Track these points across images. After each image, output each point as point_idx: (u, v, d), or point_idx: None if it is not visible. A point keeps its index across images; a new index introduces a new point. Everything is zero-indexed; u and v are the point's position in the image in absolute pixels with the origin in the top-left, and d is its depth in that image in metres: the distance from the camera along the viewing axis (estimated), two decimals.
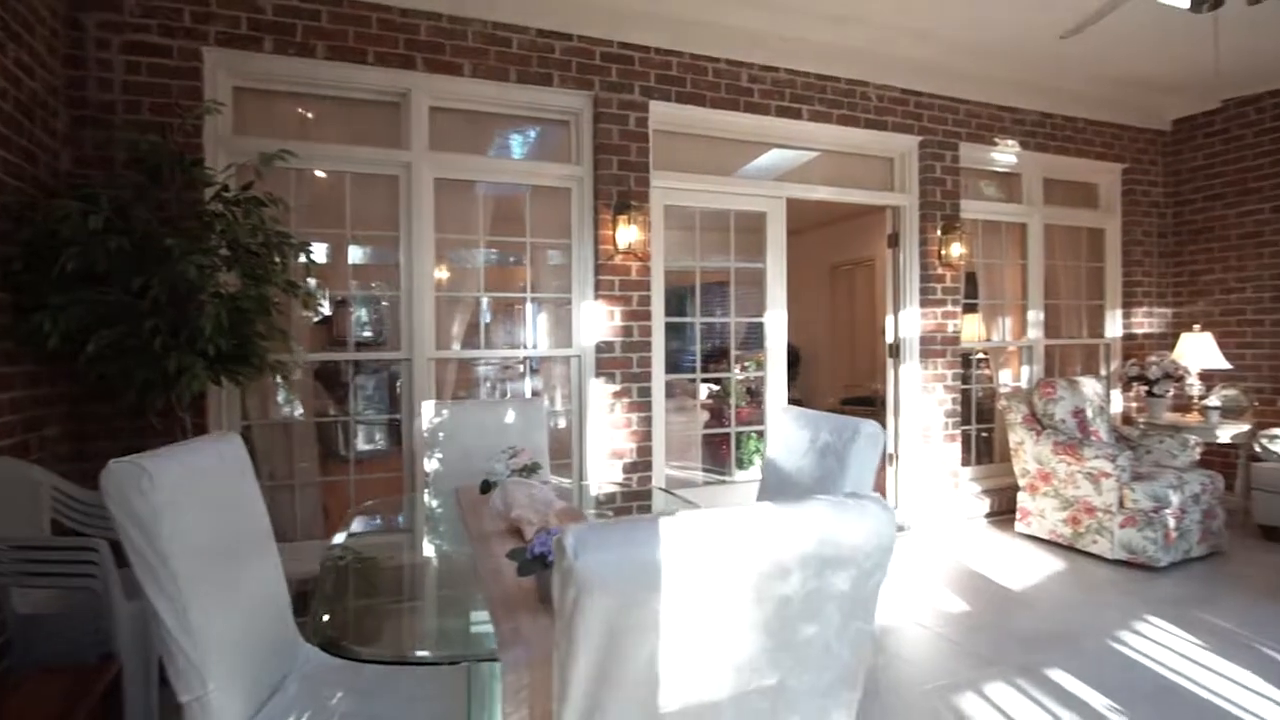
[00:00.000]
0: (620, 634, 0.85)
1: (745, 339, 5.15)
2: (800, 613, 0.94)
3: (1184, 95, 5.57)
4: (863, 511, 0.94)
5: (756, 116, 4.33)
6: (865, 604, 0.99)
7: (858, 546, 0.94)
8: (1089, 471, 4.11)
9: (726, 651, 0.91)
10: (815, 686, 1.00)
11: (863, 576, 0.96)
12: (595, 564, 0.82)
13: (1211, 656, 2.93)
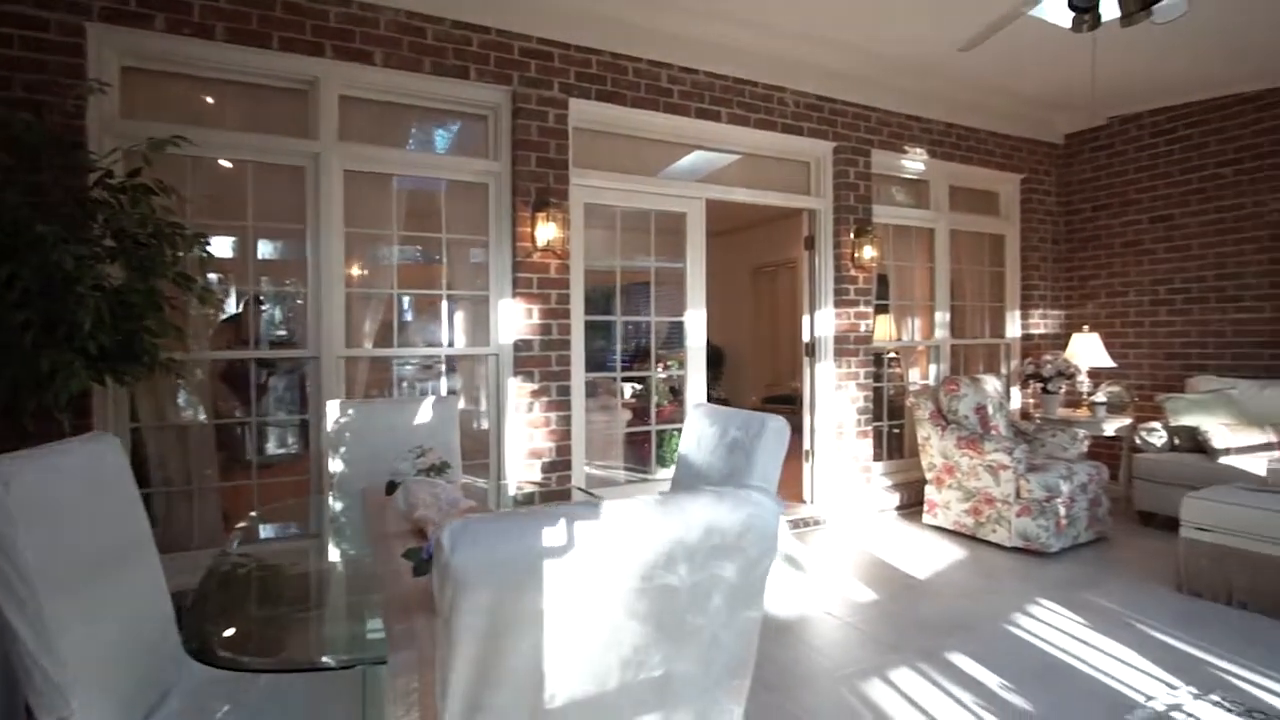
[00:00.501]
0: (501, 630, 0.84)
1: (668, 338, 5.20)
2: (687, 603, 0.95)
3: (1074, 112, 5.95)
4: (747, 502, 0.95)
5: (677, 118, 4.37)
6: (752, 593, 1.01)
7: (743, 536, 0.95)
8: (989, 464, 4.33)
9: (612, 644, 0.91)
10: (704, 676, 1.01)
11: (749, 565, 0.98)
12: (472, 560, 0.80)
13: (1095, 635, 3.13)
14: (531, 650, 0.86)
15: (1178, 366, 5.50)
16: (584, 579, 0.86)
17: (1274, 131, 5.01)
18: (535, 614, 0.84)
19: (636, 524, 0.88)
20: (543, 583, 0.83)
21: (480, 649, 0.84)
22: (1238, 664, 2.83)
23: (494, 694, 0.86)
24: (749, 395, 10.09)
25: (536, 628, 0.85)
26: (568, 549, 0.84)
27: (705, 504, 0.93)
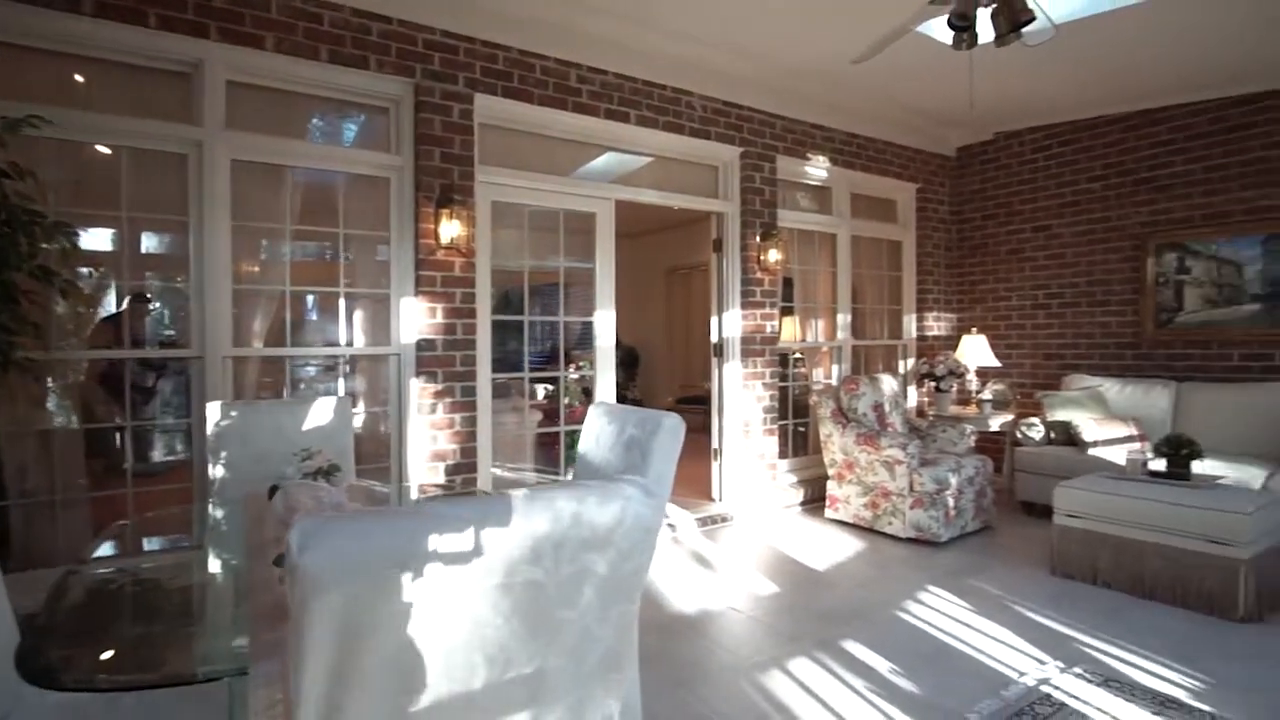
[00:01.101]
0: (356, 632, 0.81)
1: (580, 339, 5.19)
2: (556, 598, 0.94)
3: (964, 127, 6.31)
4: (618, 495, 0.96)
5: (586, 118, 4.37)
6: (627, 586, 1.01)
7: (614, 529, 0.95)
8: (885, 459, 4.52)
9: (477, 642, 0.89)
10: (578, 671, 1.00)
11: (621, 559, 0.98)
12: (323, 560, 0.77)
13: (977, 618, 3.32)
14: (390, 652, 0.83)
15: (1055, 366, 5.92)
16: (444, 577, 0.84)
17: (1135, 151, 5.46)
18: (392, 614, 0.82)
19: (499, 519, 0.87)
20: (399, 582, 0.81)
21: (334, 652, 0.81)
22: (1100, 638, 3.06)
23: (351, 698, 0.83)
24: (664, 396, 10.19)
25: (394, 628, 0.82)
26: (425, 546, 0.82)
27: (573, 498, 0.93)
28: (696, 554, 4.32)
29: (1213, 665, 2.82)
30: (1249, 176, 4.92)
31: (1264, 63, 4.58)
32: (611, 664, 1.05)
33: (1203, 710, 2.47)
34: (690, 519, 4.81)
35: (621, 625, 1.03)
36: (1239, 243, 4.97)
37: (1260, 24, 4.00)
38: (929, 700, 2.56)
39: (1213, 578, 3.30)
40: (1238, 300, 4.99)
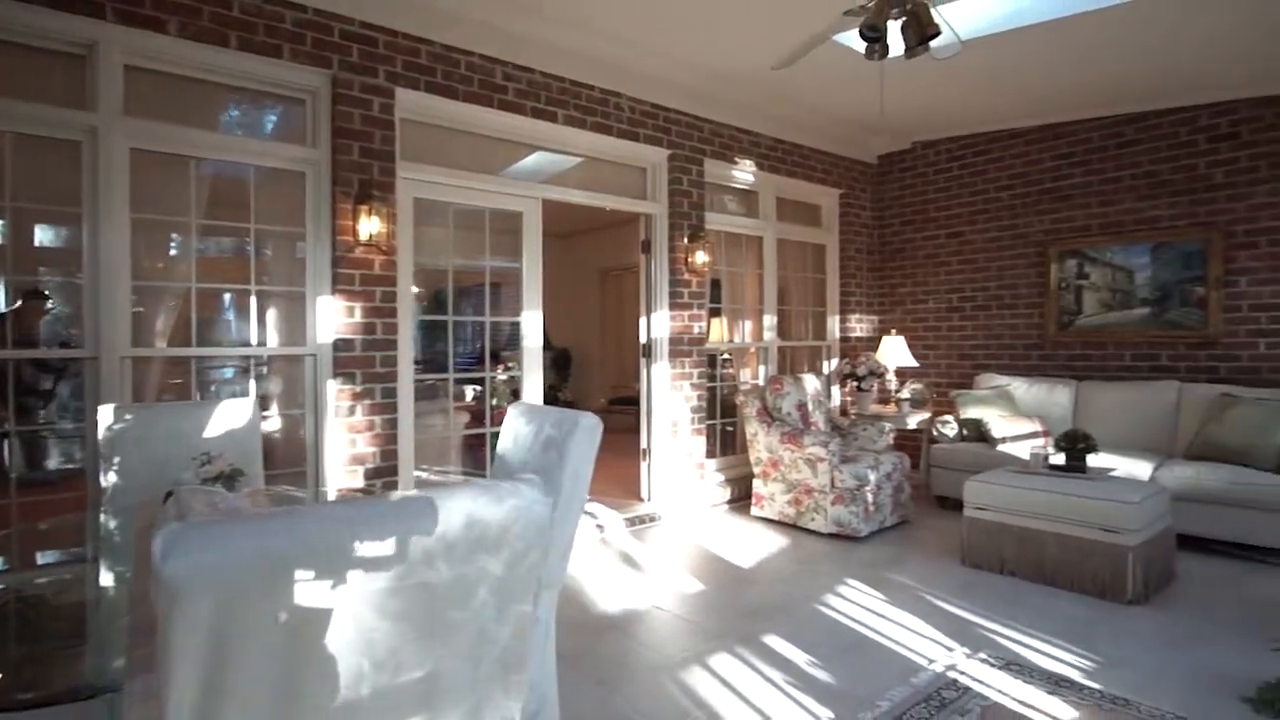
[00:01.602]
0: (229, 641, 0.77)
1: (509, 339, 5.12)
2: (449, 599, 0.92)
3: (885, 135, 6.54)
4: (513, 494, 0.95)
5: (512, 115, 4.32)
6: (522, 586, 1.00)
7: (508, 529, 0.95)
8: (808, 457, 4.64)
9: (363, 647, 0.87)
10: (474, 674, 0.99)
11: (516, 559, 0.97)
12: (189, 567, 0.73)
13: (892, 609, 3.44)
14: (266, 661, 0.80)
15: (968, 366, 6.20)
16: (324, 580, 0.81)
17: (1040, 163, 5.77)
18: (266, 622, 0.79)
19: (385, 520, 0.84)
20: (275, 587, 0.78)
21: (205, 663, 0.77)
22: (1003, 624, 3.22)
23: (226, 711, 0.80)
24: (596, 396, 10.18)
25: (269, 636, 0.79)
26: (303, 549, 0.79)
27: (466, 497, 0.91)
28: (624, 554, 4.33)
29: (1103, 645, 3.00)
30: (1140, 189, 5.27)
31: (1151, 84, 4.91)
32: (510, 665, 1.04)
33: (1092, 688, 2.62)
34: (619, 519, 4.82)
35: (519, 626, 1.02)
36: (1131, 250, 5.32)
37: (1148, 49, 4.29)
38: (844, 690, 2.64)
39: (1105, 564, 3.51)
40: (1130, 304, 5.34)
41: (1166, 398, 4.88)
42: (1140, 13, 3.75)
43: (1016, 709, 2.48)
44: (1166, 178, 5.15)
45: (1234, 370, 4.87)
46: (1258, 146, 4.79)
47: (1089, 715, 2.43)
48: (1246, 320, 4.84)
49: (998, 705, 2.50)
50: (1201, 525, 4.15)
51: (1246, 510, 4.02)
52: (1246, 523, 4.03)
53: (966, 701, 2.52)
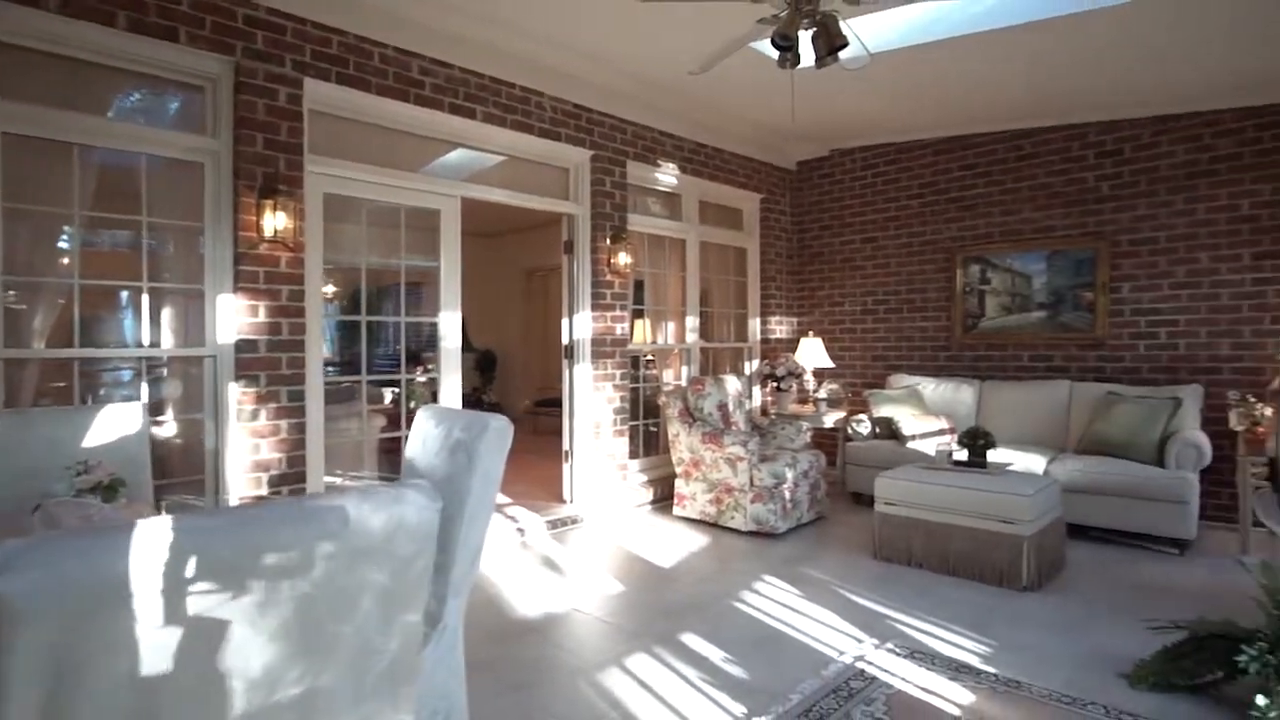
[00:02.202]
0: (75, 664, 0.72)
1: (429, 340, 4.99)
2: (330, 611, 0.89)
3: (804, 142, 6.72)
4: (397, 501, 0.92)
5: (430, 111, 4.22)
6: (410, 595, 0.97)
7: (393, 536, 0.91)
8: (728, 457, 4.71)
9: (235, 665, 0.82)
10: (358, 687, 0.95)
11: (403, 566, 0.94)
12: (27, 585, 0.68)
13: (807, 603, 3.53)
14: (117, 683, 0.75)
15: (881, 366, 6.43)
16: (186, 596, 0.76)
17: (947, 173, 6.05)
18: (123, 640, 0.73)
19: (256, 530, 0.80)
20: (126, 605, 0.73)
21: (47, 691, 0.71)
22: (910, 615, 3.35)
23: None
24: (521, 399, 10.07)
25: (121, 657, 0.74)
26: (160, 564, 0.74)
27: (345, 505, 0.88)
28: (545, 557, 4.29)
29: (1000, 631, 3.16)
30: (1036, 200, 5.60)
31: (1045, 102, 5.22)
32: (399, 677, 1.00)
33: (989, 672, 2.76)
34: (540, 522, 4.77)
35: (407, 637, 0.99)
36: (1028, 257, 5.64)
37: (1039, 70, 4.55)
38: (757, 684, 2.69)
39: (1002, 553, 3.70)
40: (1027, 308, 5.66)
41: (1059, 396, 5.20)
42: (1029, 36, 3.97)
43: (919, 696, 2.58)
44: (1060, 190, 5.49)
45: (1118, 370, 5.23)
46: (1138, 163, 5.16)
47: (984, 698, 2.55)
48: (1129, 324, 5.21)
49: (902, 693, 2.60)
50: (1089, 515, 4.44)
51: (1128, 500, 4.32)
52: (1128, 512, 4.33)
53: (873, 691, 2.61)
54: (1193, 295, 4.96)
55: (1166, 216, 5.05)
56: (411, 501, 0.92)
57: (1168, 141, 5.04)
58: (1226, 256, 4.84)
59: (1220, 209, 4.86)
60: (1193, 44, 4.09)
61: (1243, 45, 4.10)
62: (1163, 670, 2.63)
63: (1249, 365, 4.74)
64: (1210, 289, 4.90)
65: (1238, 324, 4.80)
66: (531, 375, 10.18)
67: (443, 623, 1.90)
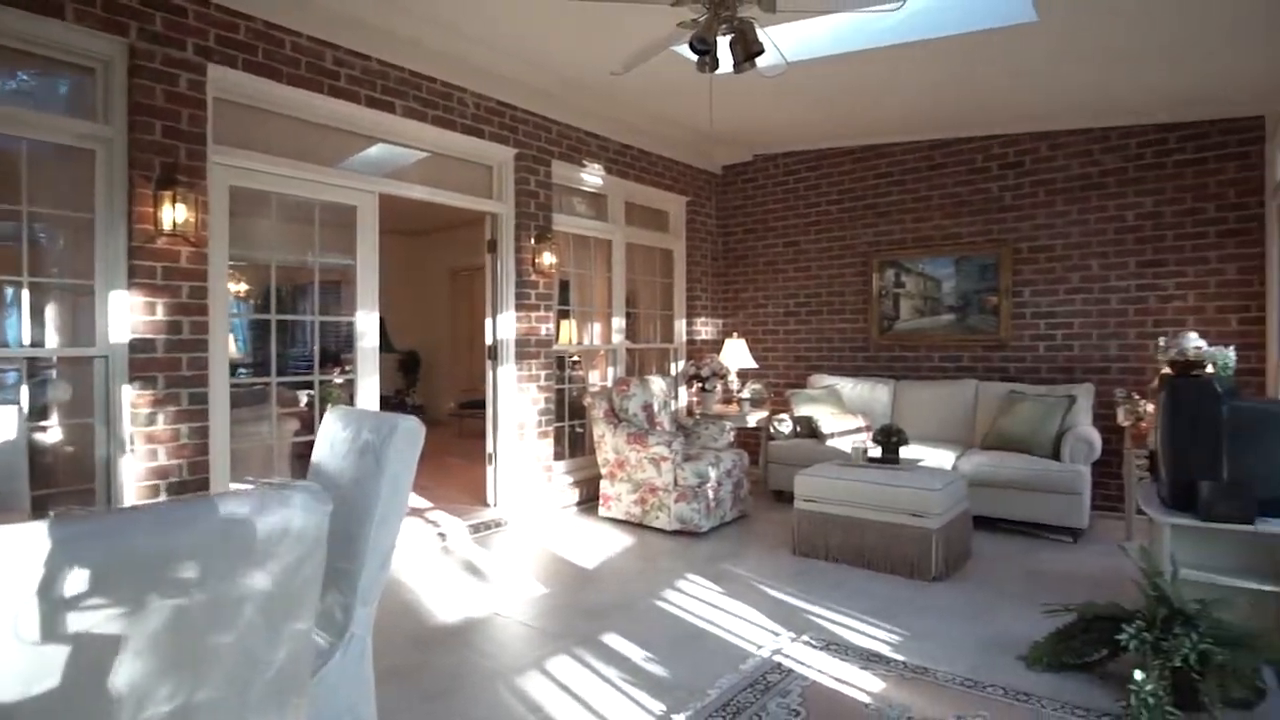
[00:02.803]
0: None
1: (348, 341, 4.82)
2: (206, 622, 0.84)
3: (728, 146, 6.83)
4: (282, 503, 0.88)
5: (345, 104, 4.08)
6: (297, 602, 0.93)
7: (278, 540, 0.88)
8: (653, 457, 4.74)
9: (94, 683, 0.77)
10: (241, 701, 0.91)
11: (288, 573, 0.90)
12: None
13: (728, 600, 3.58)
14: None
15: (803, 367, 6.60)
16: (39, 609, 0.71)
17: (864, 180, 6.27)
18: None
19: (117, 537, 0.75)
20: None
21: None
22: (826, 607, 3.45)
23: None
24: (446, 400, 9.87)
25: None
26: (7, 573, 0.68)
27: (223, 508, 0.83)
28: (467, 562, 4.21)
29: (909, 620, 3.29)
30: (946, 207, 5.87)
31: (952, 115, 5.47)
32: (286, 689, 0.96)
33: (899, 660, 2.87)
34: (462, 526, 4.67)
35: (295, 646, 0.95)
36: (938, 262, 5.90)
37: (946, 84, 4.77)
38: (677, 681, 2.71)
39: (913, 546, 3.86)
40: (938, 311, 5.92)
41: (967, 394, 5.46)
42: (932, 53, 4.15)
43: (833, 686, 2.66)
44: (967, 199, 5.77)
45: (1020, 370, 5.54)
46: (1037, 174, 5.47)
47: (893, 685, 2.65)
48: (1030, 326, 5.52)
49: (816, 684, 2.67)
50: (994, 507, 4.68)
51: (1028, 492, 4.58)
52: (1028, 503, 4.59)
53: (789, 683, 2.67)
54: (1085, 300, 5.30)
55: (1062, 225, 5.38)
56: (297, 504, 0.88)
57: (1062, 156, 5.37)
58: (1114, 264, 5.20)
59: (1109, 219, 5.21)
60: (1081, 67, 4.37)
61: (1122, 71, 4.40)
62: (1055, 651, 2.80)
63: (1134, 365, 5.09)
64: (1101, 294, 5.25)
65: (1124, 327, 5.16)
66: (457, 377, 9.98)
67: (349, 632, 1.84)
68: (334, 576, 1.88)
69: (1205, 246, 4.90)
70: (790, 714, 2.44)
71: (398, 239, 10.39)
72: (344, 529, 1.88)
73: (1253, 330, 4.73)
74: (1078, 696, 2.57)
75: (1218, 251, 4.85)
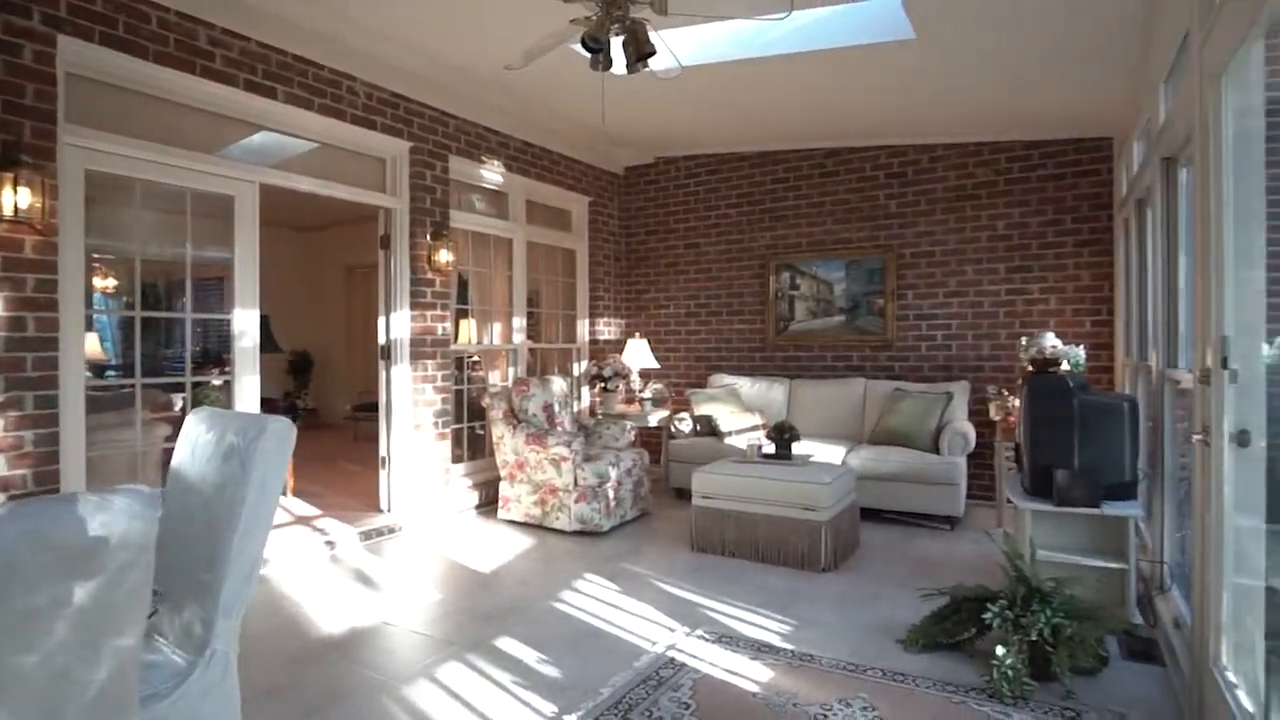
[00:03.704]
0: None
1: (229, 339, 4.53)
2: (8, 641, 0.76)
3: (631, 148, 6.88)
4: (101, 508, 0.81)
5: (222, 87, 3.83)
6: (120, 616, 0.86)
7: (95, 551, 0.80)
8: (552, 457, 4.70)
9: None
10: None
11: (109, 584, 0.83)
12: None
13: (625, 598, 3.59)
14: None
15: (704, 367, 6.72)
16: None
17: (762, 185, 6.45)
18: None
19: None
20: None
21: None
22: (721, 601, 3.52)
23: None
24: (341, 403, 9.45)
25: None
26: None
27: (29, 515, 0.76)
28: (357, 570, 4.04)
29: (799, 610, 3.41)
30: (837, 213, 6.12)
31: (846, 126, 5.72)
32: (111, 710, 0.88)
33: (788, 650, 2.96)
34: (353, 533, 4.48)
35: (119, 664, 0.87)
36: (830, 266, 6.15)
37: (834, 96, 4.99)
38: (570, 682, 2.69)
39: (804, 539, 4.00)
40: (830, 312, 6.17)
41: (856, 392, 5.71)
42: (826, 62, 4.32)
43: (724, 678, 2.71)
44: (856, 205, 6.04)
45: (905, 368, 5.85)
46: (919, 185, 5.80)
47: (781, 674, 2.73)
48: (913, 327, 5.84)
49: (708, 677, 2.72)
50: (880, 499, 4.92)
51: (911, 484, 4.84)
52: (911, 494, 4.85)
53: (681, 677, 2.70)
54: (962, 303, 5.66)
55: (941, 233, 5.72)
56: (119, 508, 0.81)
57: (942, 168, 5.72)
58: (987, 270, 5.58)
59: (982, 228, 5.59)
60: (956, 85, 4.67)
61: (991, 91, 4.73)
62: (929, 632, 2.96)
63: (1004, 364, 5.48)
64: (975, 298, 5.62)
65: (995, 328, 5.54)
66: (353, 378, 9.58)
67: (210, 648, 1.72)
68: (194, 589, 1.76)
69: (1064, 255, 5.33)
70: (681, 708, 2.47)
71: (289, 234, 9.87)
72: (205, 538, 1.76)
73: (1104, 331, 5.18)
74: (949, 674, 2.73)
75: (1074, 260, 5.29)
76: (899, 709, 2.46)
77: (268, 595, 3.61)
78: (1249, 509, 2.16)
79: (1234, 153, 2.15)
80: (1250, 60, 2.06)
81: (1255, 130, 2.10)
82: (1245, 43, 1.96)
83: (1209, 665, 2.22)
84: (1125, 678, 2.72)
